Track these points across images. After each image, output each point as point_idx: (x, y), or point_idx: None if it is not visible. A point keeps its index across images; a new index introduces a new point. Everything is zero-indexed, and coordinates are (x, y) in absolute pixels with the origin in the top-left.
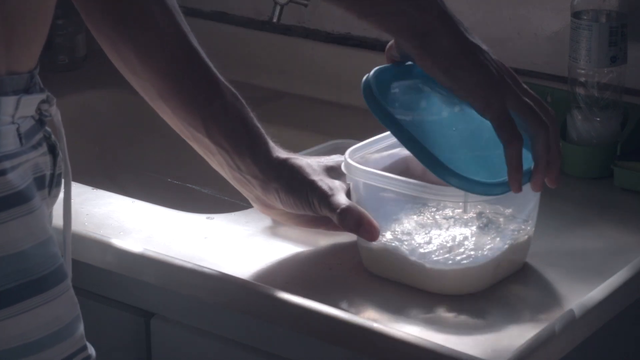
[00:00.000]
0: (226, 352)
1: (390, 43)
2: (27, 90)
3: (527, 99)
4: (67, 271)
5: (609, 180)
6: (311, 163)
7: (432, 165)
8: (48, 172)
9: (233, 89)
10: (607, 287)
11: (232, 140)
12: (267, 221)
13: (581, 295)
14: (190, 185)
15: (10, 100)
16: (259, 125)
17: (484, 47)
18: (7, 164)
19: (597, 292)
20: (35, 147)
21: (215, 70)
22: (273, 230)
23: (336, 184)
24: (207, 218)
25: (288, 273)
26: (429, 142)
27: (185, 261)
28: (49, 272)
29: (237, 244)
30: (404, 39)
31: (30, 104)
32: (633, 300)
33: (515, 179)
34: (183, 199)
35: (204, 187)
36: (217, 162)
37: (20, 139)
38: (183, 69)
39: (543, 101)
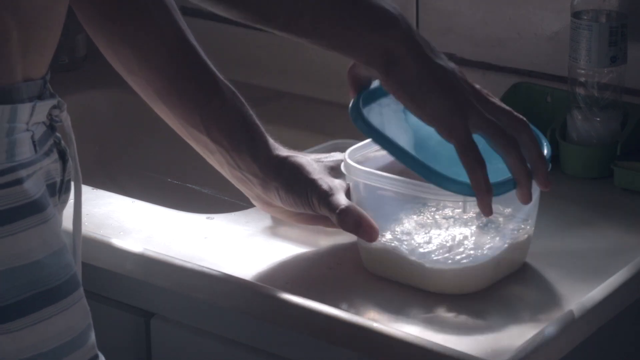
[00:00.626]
0: (226, 352)
1: (352, 64)
2: (40, 96)
3: (492, 117)
4: (80, 279)
5: (609, 180)
6: (311, 161)
7: (428, 174)
8: (58, 179)
9: (232, 87)
10: (607, 287)
11: (232, 139)
12: (267, 221)
13: (581, 295)
14: (190, 185)
15: (26, 107)
16: (258, 123)
17: (450, 66)
18: (23, 173)
19: (597, 292)
20: (47, 153)
21: (214, 68)
22: (273, 230)
23: (336, 183)
24: (207, 218)
25: (288, 273)
26: (425, 156)
27: (185, 261)
28: (62, 282)
29: (237, 244)
30: (371, 67)
31: (43, 110)
32: (633, 300)
33: (484, 203)
34: (183, 199)
35: (204, 187)
36: (217, 160)
37: (34, 146)
38: (181, 67)
39: (513, 112)
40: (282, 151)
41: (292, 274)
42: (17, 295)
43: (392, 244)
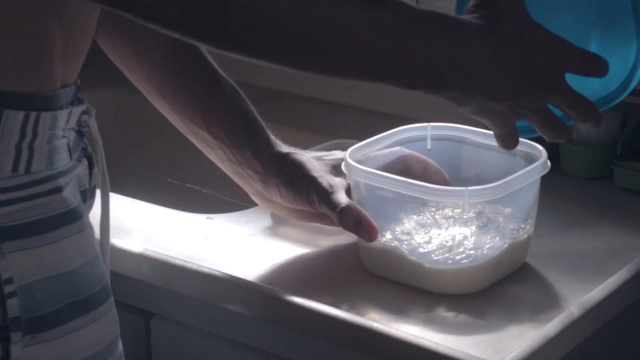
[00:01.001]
0: (226, 352)
1: None
2: (73, 102)
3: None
4: (110, 289)
5: (609, 180)
6: (312, 159)
7: None
8: (87, 186)
9: (234, 84)
10: (607, 287)
11: (233, 135)
12: (267, 221)
13: (581, 295)
14: (190, 185)
15: (64, 114)
16: (260, 119)
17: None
18: (62, 181)
19: (596, 292)
20: (79, 160)
21: (215, 64)
22: (273, 230)
23: (336, 181)
24: (207, 218)
25: (288, 273)
26: None
27: (185, 261)
28: (96, 291)
29: (237, 244)
30: None
31: (75, 115)
32: (633, 300)
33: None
34: (183, 199)
35: (204, 187)
36: (217, 156)
37: (70, 153)
38: (182, 63)
39: (583, 104)
40: (284, 148)
41: (292, 274)
42: (53, 305)
43: (392, 244)
